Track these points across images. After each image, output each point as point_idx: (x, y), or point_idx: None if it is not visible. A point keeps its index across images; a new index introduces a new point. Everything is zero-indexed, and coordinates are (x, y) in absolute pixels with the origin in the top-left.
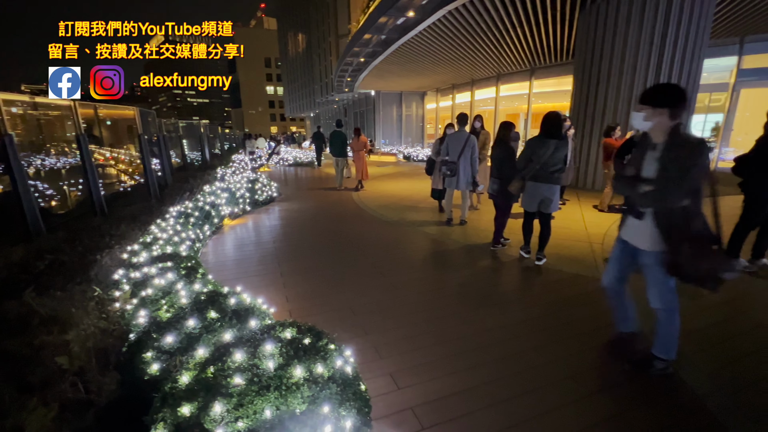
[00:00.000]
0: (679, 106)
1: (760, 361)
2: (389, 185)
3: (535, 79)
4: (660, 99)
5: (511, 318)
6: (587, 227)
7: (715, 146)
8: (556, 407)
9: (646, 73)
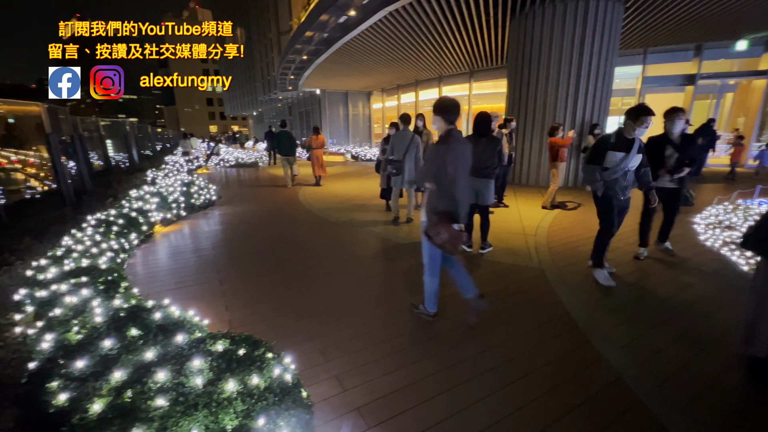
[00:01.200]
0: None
1: (663, 332)
2: (337, 185)
3: (474, 81)
4: (436, 108)
5: (454, 310)
6: (522, 220)
7: None
8: (495, 390)
9: (569, 79)
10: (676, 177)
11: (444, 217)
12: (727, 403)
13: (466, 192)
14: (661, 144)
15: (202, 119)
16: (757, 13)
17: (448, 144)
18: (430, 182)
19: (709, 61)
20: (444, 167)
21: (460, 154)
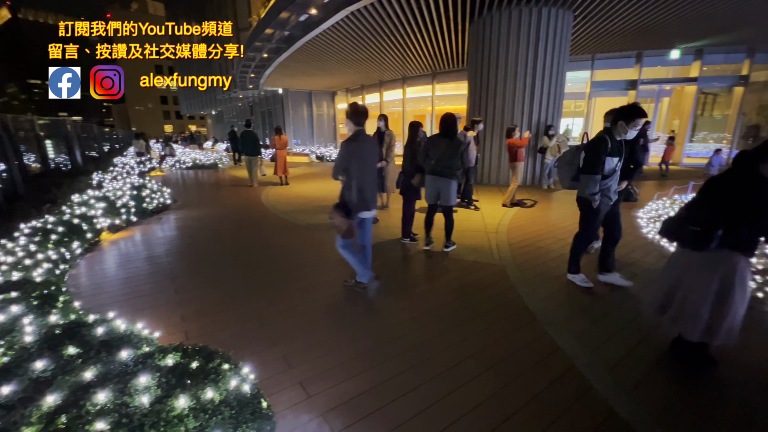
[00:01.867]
0: (354, 120)
1: (612, 321)
2: (301, 187)
3: (437, 83)
4: (347, 113)
5: (418, 309)
6: (484, 218)
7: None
8: (459, 386)
9: (524, 82)
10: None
11: (340, 206)
12: (667, 384)
13: (369, 183)
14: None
15: (156, 118)
16: (687, 25)
17: (356, 143)
18: (342, 176)
19: (648, 68)
20: (349, 162)
21: (366, 152)
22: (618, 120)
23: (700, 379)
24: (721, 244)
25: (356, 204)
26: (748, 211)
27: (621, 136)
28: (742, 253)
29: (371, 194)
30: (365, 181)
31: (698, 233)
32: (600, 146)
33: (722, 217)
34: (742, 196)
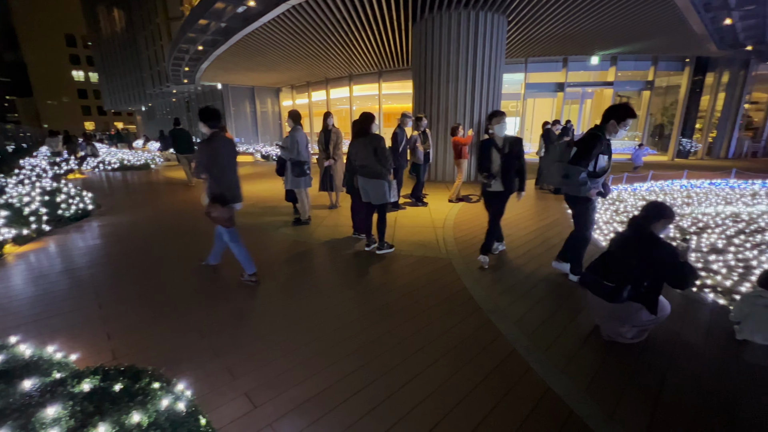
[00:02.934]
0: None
1: (547, 305)
2: (245, 187)
3: (383, 82)
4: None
5: (366, 308)
6: (431, 214)
7: None
8: (408, 381)
9: (465, 82)
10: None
11: (215, 199)
12: (594, 358)
13: (232, 179)
14: (488, 148)
15: (74, 114)
16: (604, 34)
17: (209, 144)
18: (204, 174)
19: (574, 72)
20: (208, 162)
21: (220, 151)
22: (610, 119)
23: (621, 351)
24: (629, 298)
25: (227, 197)
26: (649, 269)
27: (611, 135)
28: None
29: (234, 189)
30: (226, 178)
31: (613, 289)
32: (595, 142)
33: (630, 275)
34: (641, 256)
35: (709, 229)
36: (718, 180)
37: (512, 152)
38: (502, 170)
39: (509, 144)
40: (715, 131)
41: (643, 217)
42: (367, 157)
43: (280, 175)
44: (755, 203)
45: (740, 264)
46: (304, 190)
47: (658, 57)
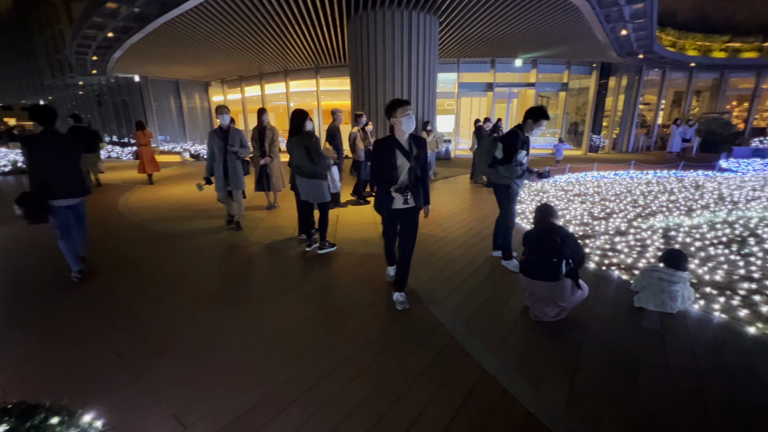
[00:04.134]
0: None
1: (482, 292)
2: (170, 190)
3: (321, 78)
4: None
5: (307, 310)
6: (373, 210)
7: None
8: (350, 380)
9: (402, 80)
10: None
11: (20, 199)
12: (523, 338)
13: (56, 175)
14: (390, 148)
15: None
16: (525, 39)
17: (33, 141)
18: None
19: (501, 73)
20: (29, 159)
21: (46, 149)
22: (528, 119)
23: (545, 329)
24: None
25: (44, 194)
26: (567, 246)
27: (528, 133)
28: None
29: (57, 185)
30: (48, 173)
31: (555, 264)
32: (515, 138)
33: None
34: (560, 236)
35: (614, 214)
36: (621, 171)
37: (419, 156)
38: (411, 179)
39: (415, 144)
40: (618, 128)
41: (542, 213)
42: (300, 157)
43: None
44: (649, 190)
45: (638, 244)
46: (242, 191)
47: (570, 62)
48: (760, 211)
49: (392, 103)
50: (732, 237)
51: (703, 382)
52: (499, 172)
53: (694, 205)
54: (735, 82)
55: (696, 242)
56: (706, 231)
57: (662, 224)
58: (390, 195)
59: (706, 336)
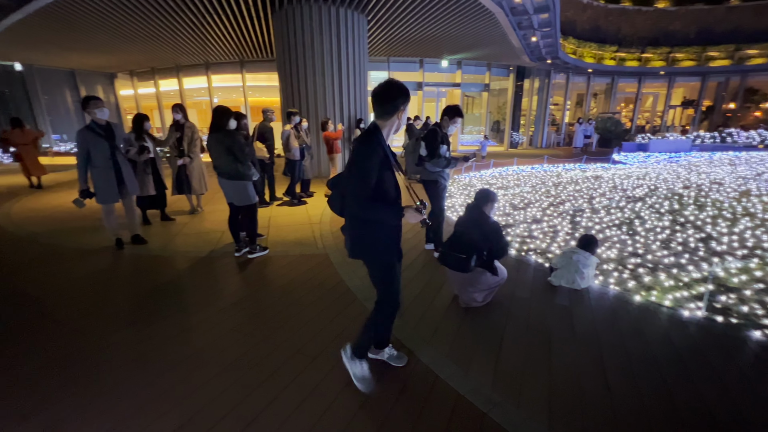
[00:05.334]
0: None
1: (415, 285)
2: (66, 197)
3: (247, 72)
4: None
5: (239, 318)
6: (308, 211)
7: None
8: (287, 385)
9: (332, 77)
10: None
11: None
12: (452, 325)
13: None
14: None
15: None
16: (449, 42)
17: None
18: None
19: (429, 73)
20: None
21: None
22: (444, 116)
23: (473, 315)
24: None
25: None
26: (486, 240)
27: (445, 129)
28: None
29: None
30: None
31: (464, 260)
32: (435, 135)
33: (475, 246)
34: (480, 230)
35: (531, 204)
36: (536, 165)
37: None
38: None
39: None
40: (533, 127)
41: (477, 201)
42: (219, 156)
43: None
44: (559, 182)
45: (551, 230)
46: (135, 197)
47: (491, 64)
48: (642, 196)
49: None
50: (622, 220)
51: (602, 347)
52: (427, 168)
53: (594, 194)
54: (623, 86)
55: (596, 225)
56: (604, 215)
57: (570, 211)
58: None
59: (604, 307)
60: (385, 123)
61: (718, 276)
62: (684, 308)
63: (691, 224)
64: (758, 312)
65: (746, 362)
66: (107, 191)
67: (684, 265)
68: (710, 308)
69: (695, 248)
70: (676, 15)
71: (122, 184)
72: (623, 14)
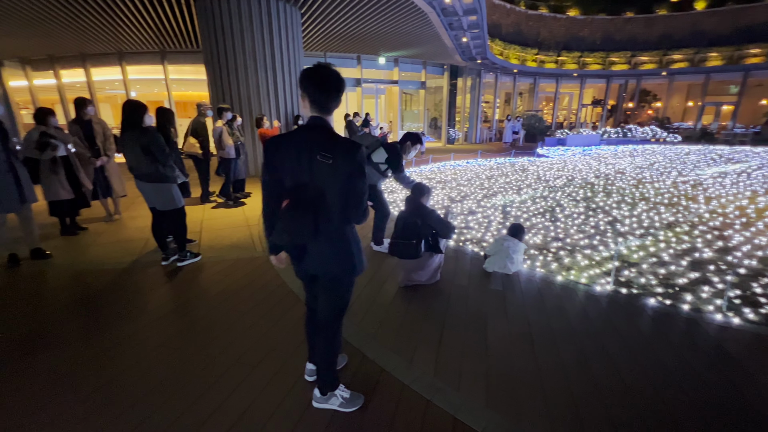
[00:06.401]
0: None
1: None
2: None
3: (169, 64)
4: None
5: (168, 332)
6: (245, 212)
7: None
8: (228, 396)
9: (266, 71)
10: None
11: None
12: (396, 317)
13: None
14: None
15: None
16: (385, 39)
17: None
18: None
19: (367, 69)
20: None
21: None
22: (407, 141)
23: (416, 306)
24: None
25: None
26: (427, 226)
27: (406, 153)
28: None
29: None
30: None
31: (414, 246)
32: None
33: (420, 233)
34: (422, 219)
35: (467, 197)
36: (471, 159)
37: None
38: None
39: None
40: (468, 123)
41: (414, 194)
42: (135, 157)
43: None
44: (491, 175)
45: (485, 220)
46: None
47: (426, 62)
48: (562, 186)
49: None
50: (546, 208)
51: (530, 326)
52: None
53: (522, 185)
54: (543, 86)
55: (524, 214)
56: (530, 205)
57: (501, 202)
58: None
59: (532, 288)
60: (328, 117)
61: (622, 253)
62: (597, 284)
63: (601, 209)
64: (652, 282)
65: (645, 326)
66: (6, 199)
67: (596, 246)
68: (616, 282)
69: (604, 230)
70: (584, 23)
71: (20, 188)
72: (541, 20)
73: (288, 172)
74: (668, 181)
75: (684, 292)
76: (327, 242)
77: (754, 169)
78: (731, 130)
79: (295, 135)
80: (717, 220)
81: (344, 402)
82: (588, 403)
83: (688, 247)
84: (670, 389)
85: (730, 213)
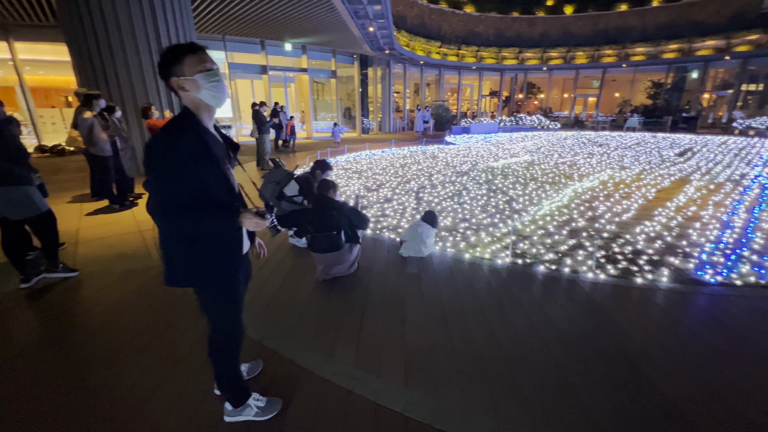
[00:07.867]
0: None
1: (288, 282)
2: None
3: (17, 41)
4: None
5: (36, 367)
6: (135, 216)
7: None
8: (120, 427)
9: (150, 55)
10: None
11: None
12: (315, 314)
13: None
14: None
15: None
16: (289, 24)
17: None
18: None
19: (273, 56)
20: None
21: None
22: (317, 170)
23: (335, 301)
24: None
25: None
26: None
27: (316, 181)
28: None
29: None
30: None
31: (335, 237)
32: (310, 183)
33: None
34: (337, 210)
35: (383, 185)
36: (386, 149)
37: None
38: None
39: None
40: (381, 113)
41: (319, 190)
42: None
43: None
44: (405, 163)
45: (400, 207)
46: None
47: (335, 51)
48: (467, 170)
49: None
50: (454, 192)
51: (444, 304)
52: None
53: (433, 171)
54: (448, 78)
55: (435, 199)
56: (440, 190)
57: (414, 188)
58: (239, 233)
59: (444, 268)
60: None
61: (517, 228)
62: (498, 258)
63: (500, 190)
64: (542, 251)
65: (537, 290)
66: None
67: (497, 224)
68: (514, 254)
69: (503, 209)
70: (479, 19)
71: None
72: (442, 14)
73: None
74: (551, 162)
75: (565, 257)
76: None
77: (612, 150)
78: (596, 118)
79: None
80: (588, 194)
81: (259, 411)
82: (493, 365)
83: (566, 218)
84: (556, 341)
85: (596, 187)
